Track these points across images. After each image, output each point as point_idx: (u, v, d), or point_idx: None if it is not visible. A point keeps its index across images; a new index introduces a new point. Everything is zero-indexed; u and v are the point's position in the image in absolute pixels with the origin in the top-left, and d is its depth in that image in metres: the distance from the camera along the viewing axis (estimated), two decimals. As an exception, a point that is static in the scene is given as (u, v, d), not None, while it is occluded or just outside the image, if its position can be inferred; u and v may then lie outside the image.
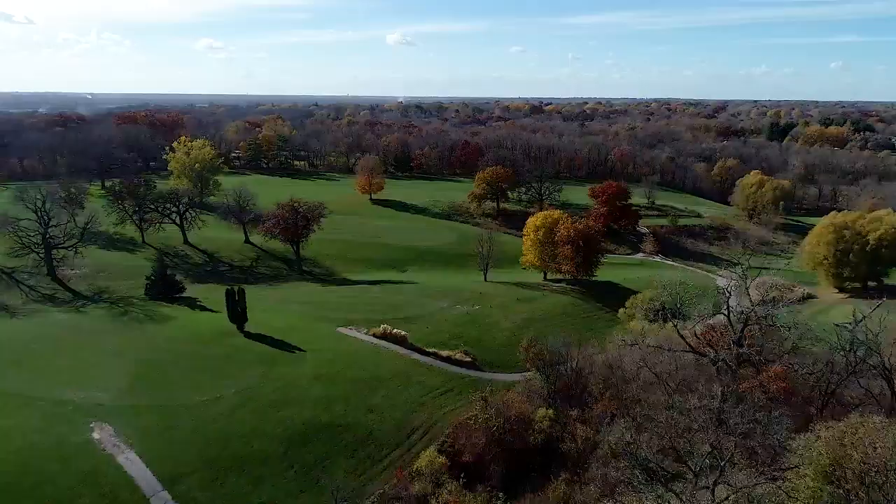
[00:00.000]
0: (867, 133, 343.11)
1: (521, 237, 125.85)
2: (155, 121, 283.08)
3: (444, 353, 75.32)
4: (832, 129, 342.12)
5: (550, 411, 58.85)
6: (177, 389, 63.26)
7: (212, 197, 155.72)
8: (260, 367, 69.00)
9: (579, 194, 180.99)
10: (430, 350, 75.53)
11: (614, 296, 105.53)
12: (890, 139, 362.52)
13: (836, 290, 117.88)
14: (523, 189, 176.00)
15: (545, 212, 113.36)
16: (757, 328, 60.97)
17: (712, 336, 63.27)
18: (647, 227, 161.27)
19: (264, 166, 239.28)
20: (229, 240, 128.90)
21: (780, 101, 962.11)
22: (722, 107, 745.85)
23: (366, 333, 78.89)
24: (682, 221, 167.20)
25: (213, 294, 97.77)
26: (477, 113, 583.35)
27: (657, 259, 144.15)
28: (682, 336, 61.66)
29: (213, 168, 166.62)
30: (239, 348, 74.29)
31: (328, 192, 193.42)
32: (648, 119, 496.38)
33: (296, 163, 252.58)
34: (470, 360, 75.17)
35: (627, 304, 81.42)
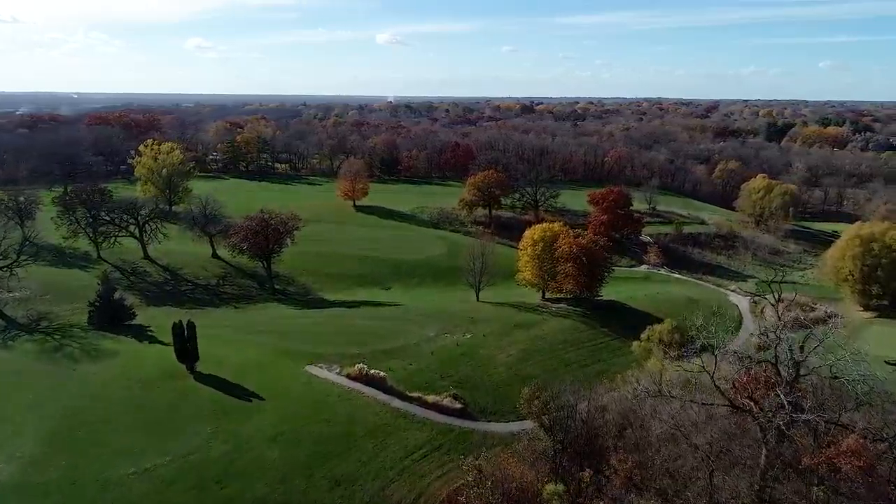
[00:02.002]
0: (868, 134, 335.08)
1: (516, 248, 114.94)
2: (130, 122, 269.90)
3: (430, 397, 63.95)
4: (831, 129, 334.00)
5: (560, 486, 47.65)
6: (101, 457, 51.48)
7: (182, 205, 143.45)
8: (208, 421, 57.33)
9: (577, 199, 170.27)
10: (414, 395, 64.14)
11: (622, 319, 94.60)
12: (889, 139, 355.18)
13: (861, 308, 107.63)
14: (517, 195, 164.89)
15: (543, 224, 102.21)
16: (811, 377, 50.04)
17: (754, 386, 52.28)
18: (650, 236, 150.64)
19: (243, 169, 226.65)
20: (195, 254, 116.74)
21: (770, 100, 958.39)
22: (714, 106, 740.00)
23: (338, 374, 67.33)
24: (686, 229, 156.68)
25: (168, 319, 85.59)
26: (468, 113, 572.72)
27: (663, 272, 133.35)
28: (718, 387, 50.54)
29: (183, 173, 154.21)
30: (187, 395, 62.57)
31: (309, 197, 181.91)
32: (641, 119, 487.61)
33: (277, 166, 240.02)
34: (460, 406, 63.81)
35: (643, 336, 70.56)
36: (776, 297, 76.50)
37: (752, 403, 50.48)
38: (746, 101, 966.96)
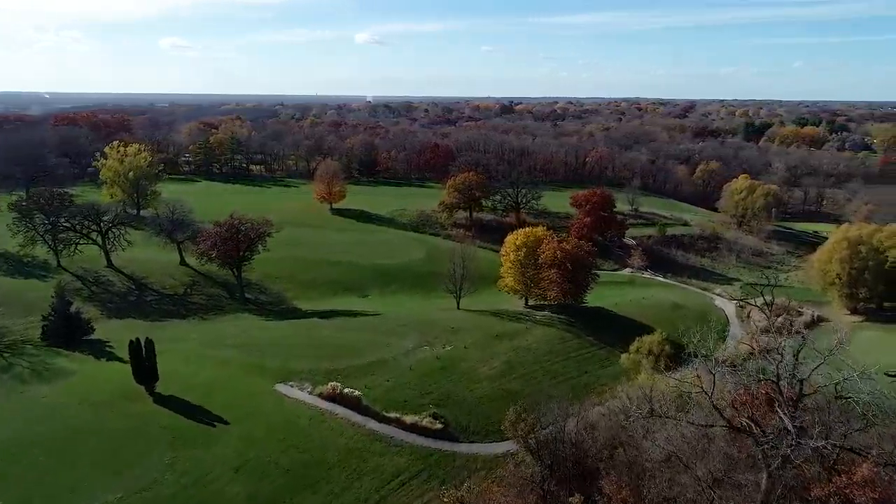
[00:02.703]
0: (844, 133, 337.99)
1: (498, 251, 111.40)
2: (98, 122, 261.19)
3: (409, 418, 59.86)
4: (808, 129, 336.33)
5: (550, 520, 43.83)
6: (45, 495, 46.53)
7: (150, 209, 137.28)
8: (166, 450, 52.60)
9: (559, 201, 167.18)
10: (392, 415, 59.99)
11: (608, 326, 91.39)
12: (864, 139, 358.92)
13: (848, 312, 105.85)
14: (498, 196, 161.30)
15: (526, 229, 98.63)
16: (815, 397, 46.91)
17: (753, 405, 49.03)
18: (633, 238, 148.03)
19: (216, 171, 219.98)
20: (161, 261, 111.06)
21: (746, 100, 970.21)
22: (691, 106, 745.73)
23: (310, 393, 62.94)
24: (669, 230, 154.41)
25: (130, 333, 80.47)
26: (447, 113, 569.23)
27: (647, 275, 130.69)
28: (717, 409, 47.16)
29: (151, 176, 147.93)
30: (144, 419, 57.69)
31: (284, 200, 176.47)
32: (620, 119, 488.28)
33: (252, 167, 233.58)
34: (441, 426, 59.80)
35: (632, 348, 67.18)
36: (769, 305, 73.63)
37: (752, 424, 47.27)
38: (723, 100, 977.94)
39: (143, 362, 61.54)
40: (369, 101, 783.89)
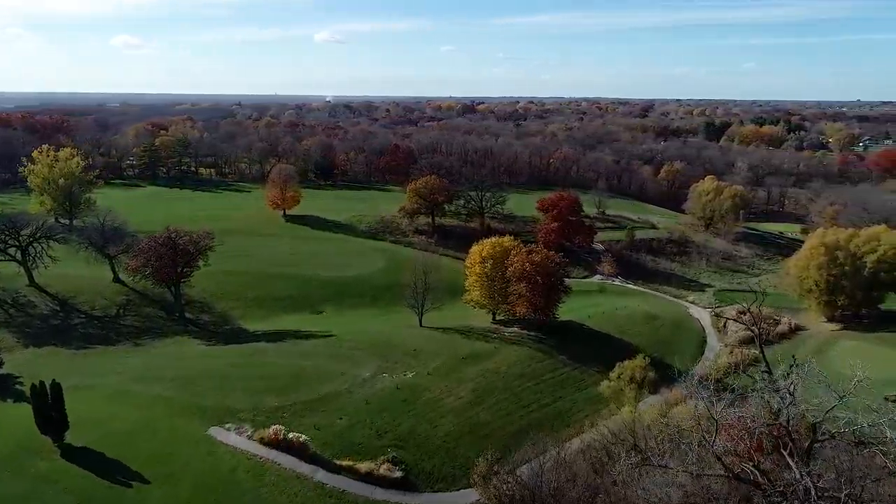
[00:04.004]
0: (801, 133, 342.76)
1: (462, 259, 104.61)
2: (34, 123, 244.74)
3: (364, 465, 52.14)
4: (766, 128, 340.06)
5: None
6: None
7: (82, 220, 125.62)
8: (69, 521, 43.66)
9: (524, 205, 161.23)
10: (344, 463, 52.19)
11: (581, 343, 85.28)
12: (819, 138, 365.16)
13: (825, 319, 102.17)
14: (461, 201, 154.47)
15: (492, 239, 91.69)
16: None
17: (759, 452, 42.91)
18: (602, 244, 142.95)
19: (163, 176, 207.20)
20: (93, 279, 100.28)
21: (701, 100, 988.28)
22: (649, 106, 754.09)
23: (250, 437, 54.54)
24: (638, 234, 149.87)
25: (47, 367, 70.88)
26: (408, 113, 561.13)
27: (617, 282, 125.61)
28: (721, 461, 40.74)
29: (85, 183, 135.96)
30: (46, 480, 48.46)
31: (235, 207, 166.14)
32: (582, 118, 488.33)
33: (201, 171, 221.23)
34: (401, 474, 52.25)
35: (613, 375, 60.76)
36: (756, 323, 68.35)
37: (758, 473, 41.08)
38: (679, 100, 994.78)
39: (49, 410, 52.18)
40: (329, 101, 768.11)
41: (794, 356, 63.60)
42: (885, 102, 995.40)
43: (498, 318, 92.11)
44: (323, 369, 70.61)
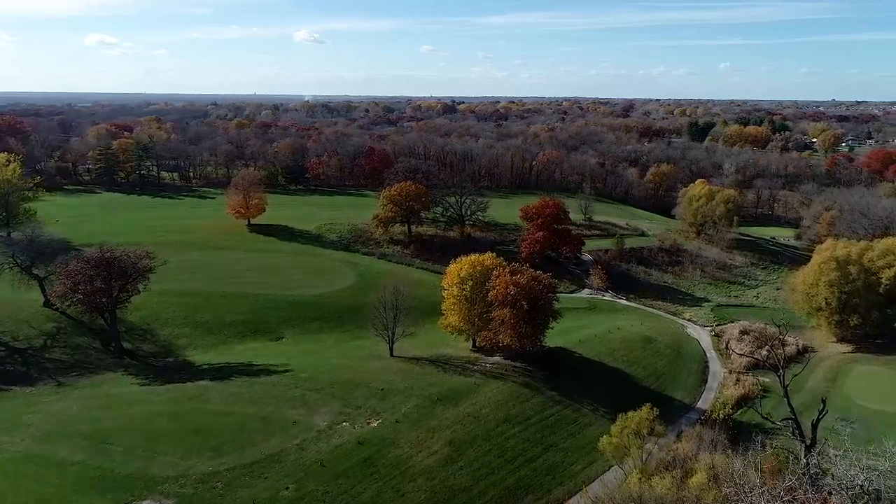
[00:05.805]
0: (786, 133, 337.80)
1: (440, 273, 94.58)
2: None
3: (311, 559, 41.55)
4: (751, 128, 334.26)
5: None
6: None
7: (20, 232, 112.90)
8: None
9: (506, 212, 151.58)
10: (285, 556, 41.52)
11: (573, 375, 75.54)
12: (803, 138, 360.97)
13: (836, 340, 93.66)
14: (440, 208, 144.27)
15: (472, 257, 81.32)
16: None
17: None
18: (590, 254, 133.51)
19: (122, 181, 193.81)
20: (19, 302, 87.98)
21: (681, 99, 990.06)
22: (630, 105, 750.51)
23: (169, 522, 43.69)
24: (627, 242, 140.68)
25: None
26: (388, 112, 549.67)
27: (608, 297, 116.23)
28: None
29: (23, 191, 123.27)
30: None
31: (195, 215, 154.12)
32: (563, 118, 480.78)
33: (164, 176, 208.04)
34: (358, 568, 41.75)
35: (614, 429, 50.75)
36: (779, 362, 58.77)
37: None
38: (659, 99, 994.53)
39: None
40: (307, 101, 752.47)
41: (823, 400, 54.22)
42: (859, 102, 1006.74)
43: (479, 343, 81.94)
44: (272, 418, 59.90)
